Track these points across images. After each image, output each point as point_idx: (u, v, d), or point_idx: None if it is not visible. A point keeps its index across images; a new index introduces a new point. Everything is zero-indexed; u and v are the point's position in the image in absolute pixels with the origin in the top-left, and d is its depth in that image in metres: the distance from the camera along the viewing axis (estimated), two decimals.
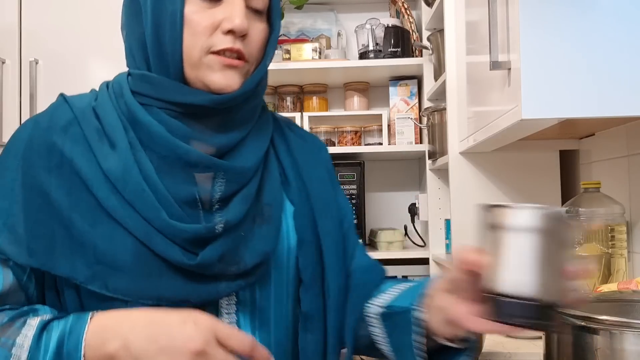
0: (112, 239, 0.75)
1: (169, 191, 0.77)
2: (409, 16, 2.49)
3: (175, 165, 0.79)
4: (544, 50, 1.07)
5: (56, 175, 0.77)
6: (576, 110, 1.07)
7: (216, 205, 0.81)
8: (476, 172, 1.80)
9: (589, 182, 1.45)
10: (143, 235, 0.75)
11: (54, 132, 0.79)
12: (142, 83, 0.82)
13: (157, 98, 0.81)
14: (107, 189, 0.76)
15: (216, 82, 0.80)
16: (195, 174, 0.80)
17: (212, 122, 0.81)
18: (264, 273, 0.83)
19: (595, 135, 1.64)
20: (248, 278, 0.81)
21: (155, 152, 0.79)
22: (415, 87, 2.56)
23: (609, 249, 1.39)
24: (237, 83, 0.81)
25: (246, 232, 0.81)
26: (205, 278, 0.78)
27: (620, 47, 1.05)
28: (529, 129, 1.29)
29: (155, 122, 0.79)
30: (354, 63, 2.43)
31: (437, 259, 2.19)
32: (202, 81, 0.80)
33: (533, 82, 1.07)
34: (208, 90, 0.80)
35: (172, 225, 0.76)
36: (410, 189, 2.74)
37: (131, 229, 0.76)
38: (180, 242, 0.76)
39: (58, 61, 2.43)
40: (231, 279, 0.79)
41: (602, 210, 1.40)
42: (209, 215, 0.80)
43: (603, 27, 1.06)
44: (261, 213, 0.84)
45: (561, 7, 1.07)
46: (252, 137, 0.85)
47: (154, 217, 0.76)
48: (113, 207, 0.76)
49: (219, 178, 0.81)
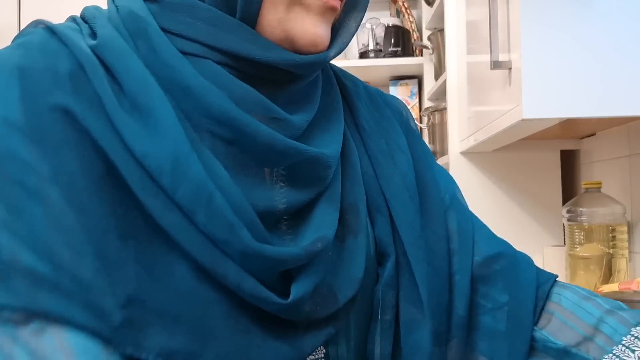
0: (173, 278, 0.46)
1: (247, 198, 0.48)
2: (409, 15, 2.49)
3: (250, 157, 0.50)
4: (544, 50, 1.06)
5: (81, 167, 0.45)
6: (577, 110, 1.06)
7: (286, 216, 0.52)
8: (477, 172, 1.79)
9: (590, 182, 1.45)
10: (216, 267, 0.46)
11: (59, 89, 0.46)
12: (184, 17, 0.51)
13: (212, 47, 0.51)
14: (149, 189, 0.46)
15: (309, 34, 0.53)
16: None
17: (283, 93, 0.54)
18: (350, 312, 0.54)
19: (596, 135, 1.64)
20: (337, 322, 0.52)
21: (217, 135, 0.49)
22: (415, 87, 2.55)
23: (610, 249, 1.39)
24: (328, 38, 0.55)
25: (333, 252, 0.53)
26: (295, 328, 0.50)
27: (621, 47, 1.05)
28: (529, 128, 1.29)
29: (214, 87, 0.49)
30: (354, 62, 2.43)
31: None
32: (287, 30, 0.52)
33: (534, 82, 1.06)
34: (290, 45, 0.53)
35: (262, 251, 0.47)
36: None
37: (195, 254, 0.46)
38: (270, 276, 0.49)
39: None
40: (318, 325, 0.51)
41: (603, 210, 1.40)
42: (281, 232, 0.52)
43: (604, 26, 1.05)
44: (344, 219, 0.56)
45: (562, 7, 1.06)
46: (323, 113, 0.58)
47: (230, 239, 0.46)
48: (167, 220, 0.46)
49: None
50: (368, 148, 0.62)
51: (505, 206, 1.76)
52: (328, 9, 0.54)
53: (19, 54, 0.48)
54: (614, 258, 1.39)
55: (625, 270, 1.38)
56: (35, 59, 0.48)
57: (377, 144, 0.62)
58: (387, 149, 0.62)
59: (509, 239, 0.71)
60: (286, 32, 0.52)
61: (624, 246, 1.39)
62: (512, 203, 1.76)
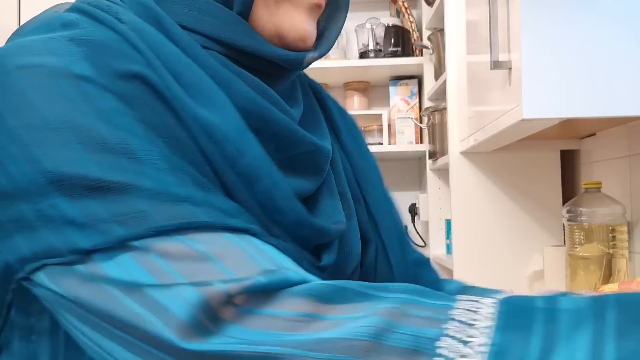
0: None
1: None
2: (409, 15, 2.49)
3: (268, 146, 0.53)
4: (544, 50, 1.06)
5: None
6: (577, 110, 1.06)
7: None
8: (477, 172, 1.79)
9: (590, 182, 1.45)
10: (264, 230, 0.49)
11: (126, 58, 0.47)
12: (183, 7, 0.52)
13: (214, 38, 0.52)
14: (214, 154, 0.47)
15: (298, 29, 0.55)
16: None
17: (276, 87, 0.56)
18: None
19: (596, 135, 1.64)
20: None
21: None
22: (415, 87, 2.55)
23: (610, 249, 1.39)
24: (315, 35, 0.57)
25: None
26: None
27: (621, 47, 1.05)
28: (529, 128, 1.29)
29: (236, 77, 0.51)
30: (354, 62, 2.43)
31: (438, 259, 2.18)
32: (278, 26, 0.54)
33: (534, 82, 1.06)
34: (279, 40, 0.55)
35: (313, 223, 0.52)
36: (410, 189, 2.73)
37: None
38: (308, 248, 0.54)
39: None
40: None
41: (603, 211, 1.40)
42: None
43: (604, 26, 1.05)
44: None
45: (562, 7, 1.06)
46: (307, 111, 0.61)
47: (288, 208, 0.50)
48: (231, 183, 0.48)
49: None
50: (343, 144, 0.66)
51: (506, 206, 1.76)
52: (314, 6, 0.56)
53: (71, 34, 0.47)
54: (614, 258, 1.39)
55: (625, 270, 1.39)
56: (91, 32, 0.48)
57: (350, 141, 0.67)
58: (357, 146, 0.67)
59: (509, 239, 0.72)
60: (276, 27, 0.54)
61: (623, 246, 1.39)
62: (512, 203, 1.76)
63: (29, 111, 0.43)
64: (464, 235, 1.77)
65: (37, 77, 0.44)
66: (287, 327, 0.39)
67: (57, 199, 0.41)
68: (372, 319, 0.38)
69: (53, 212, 0.41)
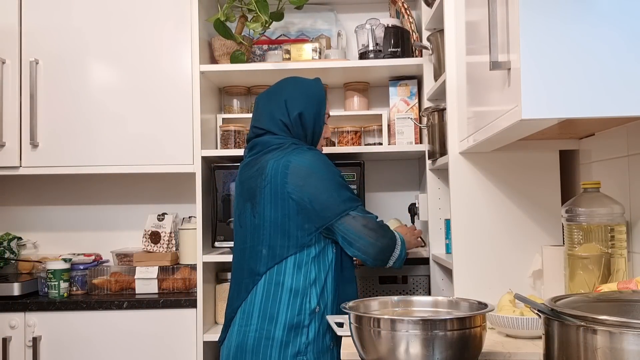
0: None
1: None
2: (408, 16, 2.49)
3: None
4: (543, 50, 1.07)
5: None
6: (576, 110, 1.07)
7: None
8: (476, 172, 1.80)
9: (589, 182, 1.45)
10: None
11: None
12: None
13: None
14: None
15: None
16: None
17: None
18: None
19: (595, 135, 1.65)
20: None
21: None
22: (415, 87, 2.56)
23: (608, 249, 1.39)
24: None
25: None
26: None
27: (620, 47, 1.05)
28: (528, 129, 1.29)
29: None
30: (354, 63, 2.43)
31: (437, 259, 2.19)
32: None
33: (533, 82, 1.07)
34: None
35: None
36: (410, 189, 2.74)
37: None
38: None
39: (58, 61, 2.44)
40: None
41: (602, 210, 1.40)
42: None
43: (603, 27, 1.06)
44: None
45: (561, 7, 1.07)
46: None
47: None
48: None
49: None
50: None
51: (505, 206, 1.76)
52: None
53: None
54: (612, 258, 1.39)
55: (624, 270, 1.39)
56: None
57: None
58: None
59: (508, 239, 0.72)
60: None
61: (622, 246, 1.40)
62: (511, 203, 1.77)
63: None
64: (464, 235, 1.78)
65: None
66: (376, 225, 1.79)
67: (347, 191, 1.77)
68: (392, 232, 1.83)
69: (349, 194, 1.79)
